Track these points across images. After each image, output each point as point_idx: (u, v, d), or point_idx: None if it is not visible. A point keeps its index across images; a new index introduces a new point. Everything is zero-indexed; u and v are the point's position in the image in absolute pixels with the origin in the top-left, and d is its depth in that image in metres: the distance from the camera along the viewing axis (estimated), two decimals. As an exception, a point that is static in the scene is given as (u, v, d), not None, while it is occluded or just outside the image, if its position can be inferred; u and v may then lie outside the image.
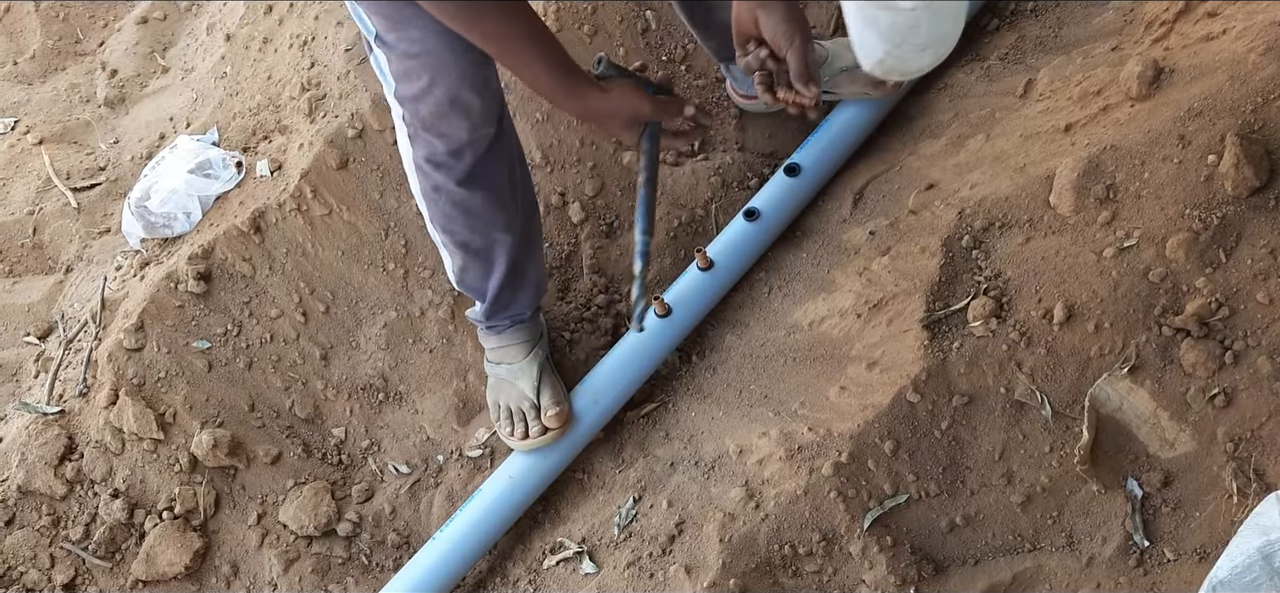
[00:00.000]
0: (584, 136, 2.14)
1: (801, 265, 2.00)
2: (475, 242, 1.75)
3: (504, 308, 1.87)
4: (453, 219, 1.71)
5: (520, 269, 1.83)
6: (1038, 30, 2.16)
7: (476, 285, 1.84)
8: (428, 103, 1.56)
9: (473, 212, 1.70)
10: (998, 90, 2.06)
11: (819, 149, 2.09)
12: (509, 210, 1.74)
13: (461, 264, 1.80)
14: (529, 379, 1.88)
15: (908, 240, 1.81)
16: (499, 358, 1.92)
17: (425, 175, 1.66)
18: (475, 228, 1.72)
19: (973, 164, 1.89)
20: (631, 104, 1.53)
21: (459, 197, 1.67)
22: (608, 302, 2.07)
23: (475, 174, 1.65)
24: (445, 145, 1.60)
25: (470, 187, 1.66)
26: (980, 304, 1.61)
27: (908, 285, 1.72)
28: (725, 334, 1.99)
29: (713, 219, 2.12)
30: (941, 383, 1.59)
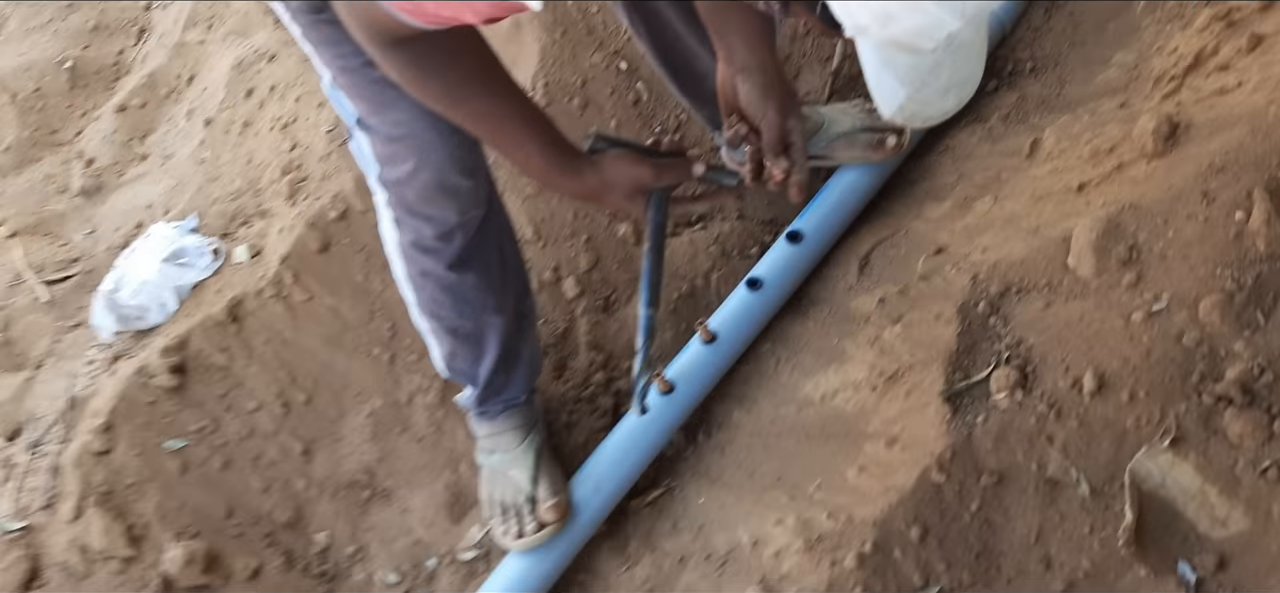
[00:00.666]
0: (577, 210, 2.06)
1: (809, 336, 1.91)
2: (465, 326, 1.66)
3: (497, 392, 1.77)
4: (441, 304, 1.62)
5: (513, 351, 1.74)
6: (1039, 90, 2.11)
7: (467, 371, 1.74)
8: (414, 187, 1.47)
9: (462, 295, 1.61)
10: (1002, 151, 2.00)
11: (821, 215, 2.02)
12: (500, 291, 1.66)
13: (450, 350, 1.71)
14: (525, 468, 1.78)
15: (920, 308, 1.72)
16: (492, 446, 1.82)
17: (412, 261, 1.58)
18: (465, 312, 1.63)
19: (982, 227, 1.81)
20: (630, 173, 1.44)
21: (448, 281, 1.58)
22: (607, 380, 1.98)
23: (465, 257, 1.56)
24: (433, 230, 1.52)
25: (460, 270, 1.57)
26: (1003, 375, 1.52)
27: (924, 355, 1.63)
28: (732, 410, 1.89)
29: (714, 290, 2.04)
30: (968, 461, 1.50)
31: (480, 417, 1.82)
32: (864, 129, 2.03)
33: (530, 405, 1.83)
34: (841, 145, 2.03)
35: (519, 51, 2.20)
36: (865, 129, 2.03)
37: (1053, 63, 2.16)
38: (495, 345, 1.69)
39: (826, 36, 2.24)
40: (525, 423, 1.81)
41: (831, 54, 2.26)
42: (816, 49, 2.27)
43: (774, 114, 1.52)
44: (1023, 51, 2.20)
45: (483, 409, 1.81)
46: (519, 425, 1.81)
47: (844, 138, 2.03)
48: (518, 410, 1.81)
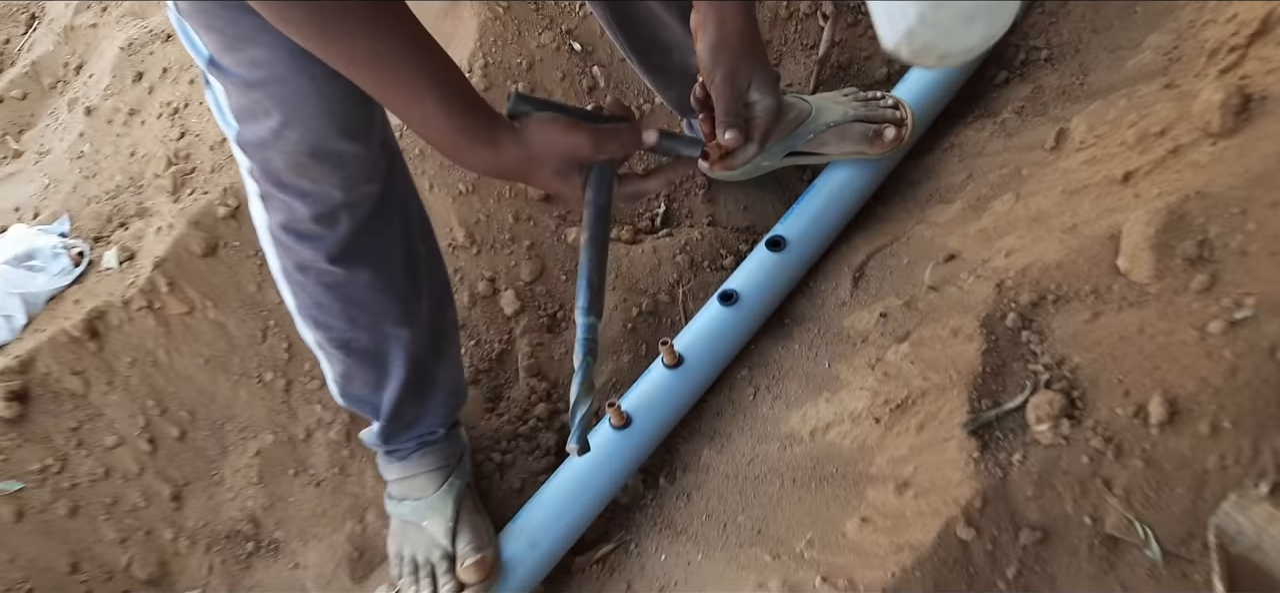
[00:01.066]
0: (519, 210, 1.73)
1: (794, 360, 1.58)
2: (360, 340, 1.31)
3: (407, 426, 1.43)
4: (326, 310, 1.27)
5: (426, 374, 1.39)
6: (1057, 80, 1.82)
7: (366, 398, 1.39)
8: (281, 150, 1.13)
9: (354, 299, 1.26)
10: (1019, 145, 1.70)
11: (806, 219, 1.70)
12: (406, 297, 1.31)
13: (344, 370, 1.36)
14: (441, 519, 1.43)
15: (932, 323, 1.40)
16: (403, 492, 1.47)
17: (285, 249, 1.23)
18: (359, 321, 1.29)
19: (1003, 228, 1.50)
20: (563, 143, 1.09)
21: (333, 278, 1.24)
22: (549, 412, 1.64)
23: (354, 248, 1.22)
24: (309, 209, 1.17)
25: (348, 264, 1.23)
26: (1045, 401, 1.20)
27: (940, 379, 1.30)
28: (701, 449, 1.56)
29: (680, 306, 1.71)
30: (1002, 512, 1.17)
31: (389, 457, 1.48)
32: (858, 119, 1.72)
33: (450, 443, 1.49)
34: (832, 138, 1.73)
35: (455, 29, 1.88)
36: (860, 119, 1.73)
37: (1072, 51, 1.87)
38: (402, 366, 1.35)
39: None
40: (444, 464, 1.47)
41: (817, 41, 1.96)
42: (800, 34, 1.97)
43: (722, 78, 1.22)
44: (1037, 39, 1.92)
45: (391, 448, 1.46)
46: (436, 467, 1.46)
47: (835, 129, 1.72)
48: (434, 449, 1.46)
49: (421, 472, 1.46)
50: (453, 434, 1.50)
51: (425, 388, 1.41)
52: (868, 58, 1.97)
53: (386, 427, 1.42)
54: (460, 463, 1.49)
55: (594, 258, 1.11)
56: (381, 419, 1.41)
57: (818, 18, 1.96)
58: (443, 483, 1.45)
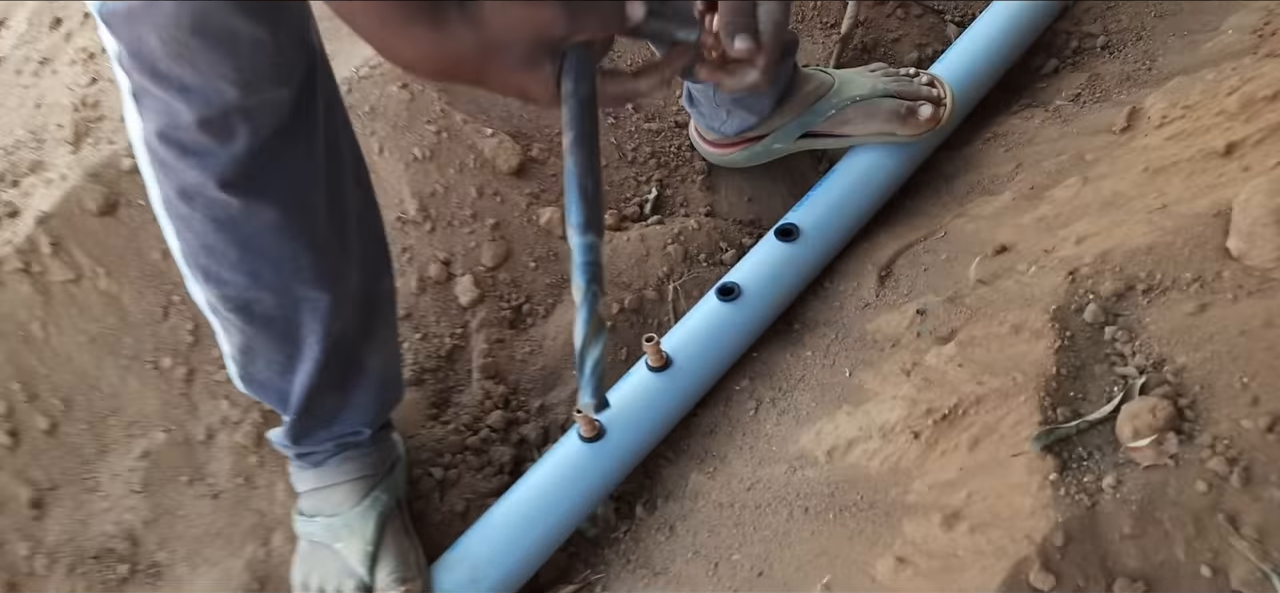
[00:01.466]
0: (485, 184, 1.45)
1: (806, 369, 1.29)
2: (263, 302, 1.02)
3: (324, 422, 1.13)
4: (218, 256, 0.98)
5: (351, 357, 1.10)
6: (1118, 68, 1.56)
7: (272, 383, 1.10)
8: (154, 25, 0.85)
9: (254, 244, 0.98)
10: (1080, 130, 1.44)
11: (824, 207, 1.43)
12: (328, 251, 1.02)
13: (242, 343, 1.07)
14: (359, 541, 1.13)
15: (984, 320, 1.12)
16: (315, 506, 1.17)
17: (166, 169, 0.94)
18: (261, 275, 1.00)
19: (1069, 215, 1.23)
20: (527, 17, 0.78)
21: (227, 211, 0.95)
22: (506, 422, 1.34)
23: (255, 173, 0.93)
24: (193, 109, 0.89)
25: (247, 194, 0.94)
26: (1145, 410, 0.92)
27: (1000, 384, 1.02)
28: (688, 473, 1.26)
29: (670, 305, 1.43)
30: (1091, 554, 0.88)
31: (301, 463, 1.18)
32: (888, 95, 1.46)
33: (378, 449, 1.19)
34: (857, 115, 1.46)
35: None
36: (890, 95, 1.46)
37: (1133, 37, 1.62)
38: (318, 343, 1.05)
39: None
40: (368, 473, 1.17)
41: (839, 19, 1.71)
42: (820, 11, 1.71)
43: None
44: (1092, 26, 1.67)
45: (303, 450, 1.16)
46: (358, 477, 1.17)
47: (861, 105, 1.46)
48: (357, 455, 1.17)
49: (339, 482, 1.16)
50: (382, 439, 1.20)
51: (349, 375, 1.12)
52: (896, 40, 1.71)
53: (298, 422, 1.12)
54: (390, 475, 1.20)
55: (585, 160, 0.81)
56: (291, 412, 1.11)
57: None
58: (364, 497, 1.16)
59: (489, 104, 1.52)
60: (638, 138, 1.57)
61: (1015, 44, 1.61)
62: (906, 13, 1.72)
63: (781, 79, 1.43)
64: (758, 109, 1.44)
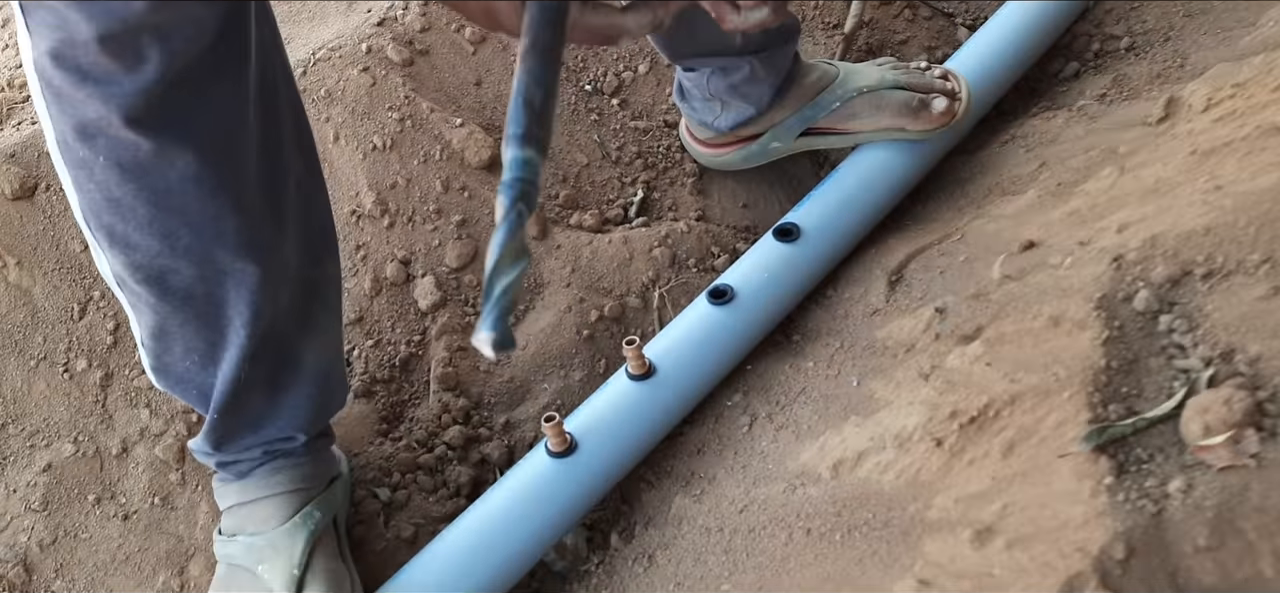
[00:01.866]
0: (451, 177, 1.31)
1: (806, 380, 1.14)
2: (179, 271, 0.87)
3: (249, 423, 0.97)
4: (125, 212, 0.83)
5: (285, 348, 0.95)
6: (1146, 68, 1.43)
7: (190, 376, 0.94)
8: None
9: (167, 197, 0.83)
10: (1110, 125, 1.30)
11: (827, 207, 1.28)
12: (259, 216, 0.88)
13: (156, 324, 0.91)
14: (284, 563, 0.97)
15: (1015, 314, 0.97)
16: (237, 524, 1.01)
17: (61, 100, 0.80)
18: (176, 237, 0.85)
19: (1106, 206, 1.09)
20: None
21: (134, 155, 0.80)
22: (465, 439, 1.18)
23: (171, 108, 0.79)
24: (90, 23, 0.74)
25: (159, 134, 0.79)
26: (1217, 404, 0.76)
27: (1038, 381, 0.87)
28: (671, 496, 1.10)
29: (655, 313, 1.27)
30: (1159, 570, 0.71)
31: (224, 473, 1.02)
32: (898, 87, 1.33)
33: (314, 460, 1.03)
34: (864, 107, 1.32)
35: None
36: (900, 87, 1.33)
37: (1160, 38, 1.49)
38: (245, 328, 0.90)
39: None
40: (300, 487, 1.01)
41: (842, 19, 1.58)
42: (821, 10, 1.59)
43: None
44: (1114, 27, 1.54)
45: (227, 457, 1.00)
46: (289, 490, 1.00)
47: (868, 97, 1.32)
48: (289, 465, 1.01)
49: (266, 496, 1.00)
50: (319, 450, 1.04)
51: (282, 370, 0.96)
52: (904, 42, 1.59)
53: (220, 422, 0.96)
54: (326, 491, 1.03)
55: (536, 70, 0.66)
56: (213, 410, 0.95)
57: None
58: (294, 513, 0.99)
59: (459, 93, 1.39)
60: (623, 137, 1.43)
61: (1033, 44, 1.48)
62: (914, 14, 1.60)
63: (781, 68, 1.30)
64: (756, 99, 1.30)
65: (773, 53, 1.26)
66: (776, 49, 1.26)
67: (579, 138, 1.41)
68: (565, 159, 1.39)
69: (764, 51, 1.25)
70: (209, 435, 0.98)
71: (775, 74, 1.29)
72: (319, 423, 1.03)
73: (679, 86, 1.36)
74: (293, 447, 1.01)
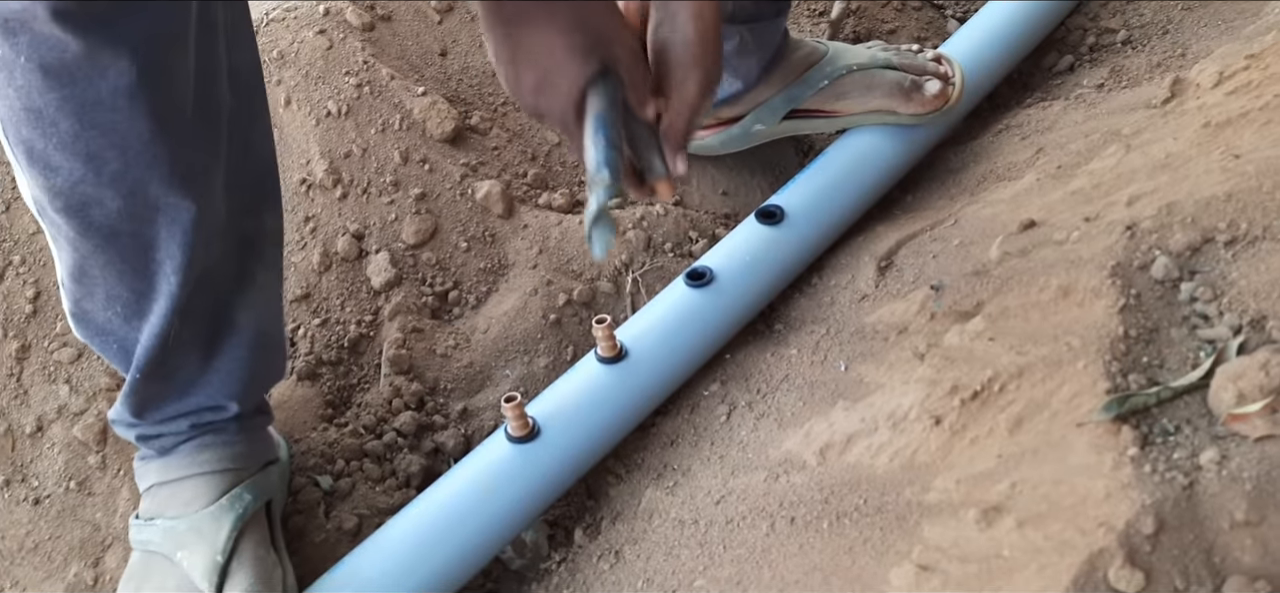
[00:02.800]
0: (411, 148, 1.22)
1: (790, 368, 1.05)
2: (105, 201, 0.78)
3: (177, 388, 0.88)
4: (45, 122, 0.74)
5: (219, 304, 0.86)
6: (1143, 59, 1.37)
7: (111, 325, 0.85)
8: None
9: (96, 112, 0.74)
10: (1111, 108, 1.24)
11: (813, 190, 1.21)
12: (194, 143, 0.79)
13: (76, 263, 0.82)
14: (207, 549, 0.87)
15: (1019, 288, 0.89)
16: (157, 506, 0.90)
17: None
18: (103, 159, 0.76)
19: (1113, 184, 1.01)
20: (597, 17, 0.76)
21: (60, 55, 0.71)
22: (418, 427, 1.08)
23: (106, 4, 0.70)
24: None
25: (91, 33, 0.70)
26: (1254, 369, 0.68)
27: (1048, 352, 0.78)
28: (642, 489, 1.01)
29: (628, 298, 1.19)
30: (1193, 547, 0.63)
31: (147, 447, 0.92)
32: (890, 67, 1.25)
33: (247, 437, 0.93)
34: (853, 87, 1.25)
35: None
36: (892, 67, 1.25)
37: (1159, 31, 1.43)
38: (177, 274, 0.80)
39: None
40: (231, 466, 0.91)
41: (827, 7, 1.51)
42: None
43: (698, 82, 0.81)
44: (1110, 21, 1.48)
45: (149, 429, 0.90)
46: (217, 469, 0.90)
47: (859, 75, 1.25)
48: (219, 442, 0.91)
49: (191, 474, 0.90)
50: (253, 426, 0.94)
51: (215, 329, 0.87)
52: (892, 32, 1.52)
53: (143, 385, 0.86)
54: (260, 474, 0.93)
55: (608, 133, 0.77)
56: (136, 368, 0.85)
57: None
58: (221, 495, 0.89)
59: (422, 62, 1.30)
60: (596, 118, 1.35)
61: (1026, 34, 1.42)
62: (903, 4, 1.54)
63: (770, 43, 1.22)
64: (744, 73, 1.23)
65: (764, 25, 1.19)
66: (768, 21, 1.19)
67: (550, 116, 1.33)
68: (535, 136, 1.31)
69: (756, 22, 1.18)
70: (129, 399, 0.88)
71: (765, 48, 1.22)
72: (253, 394, 0.93)
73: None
74: (223, 420, 0.91)
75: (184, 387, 0.88)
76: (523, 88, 0.79)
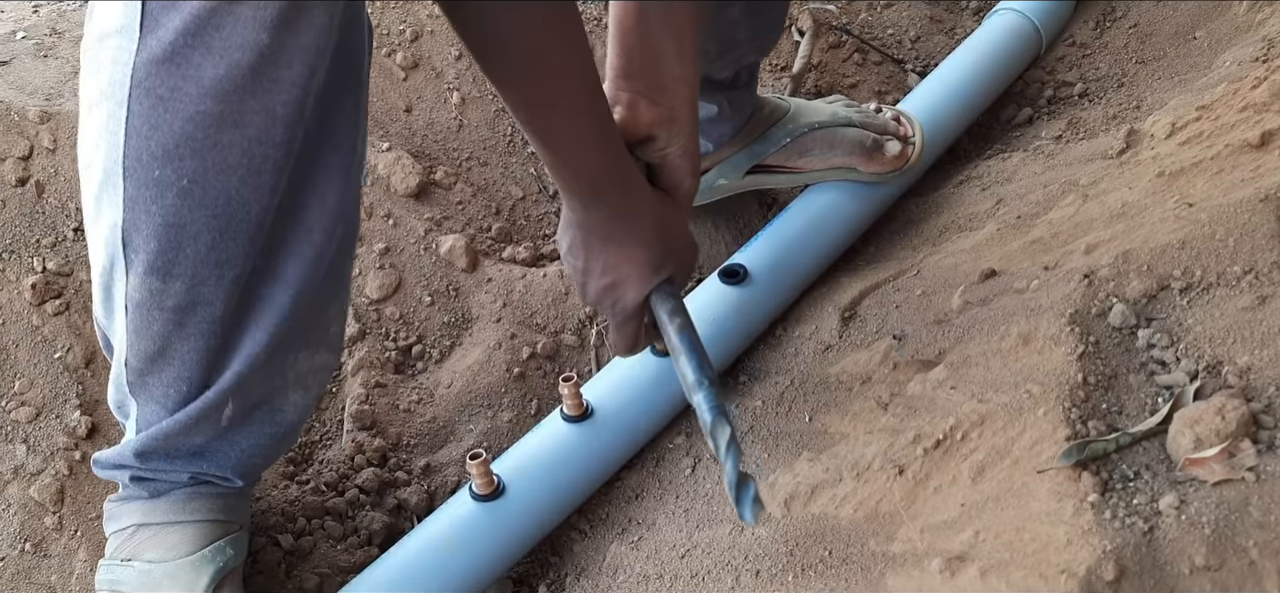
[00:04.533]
0: (375, 204, 1.22)
1: (755, 420, 1.05)
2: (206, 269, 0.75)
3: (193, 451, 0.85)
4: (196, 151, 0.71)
5: (282, 361, 0.84)
6: (1100, 111, 1.40)
7: (169, 385, 0.81)
8: None
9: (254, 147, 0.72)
10: (1069, 159, 1.26)
11: (775, 247, 1.21)
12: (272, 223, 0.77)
13: (163, 329, 0.78)
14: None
15: (980, 336, 0.90)
16: (134, 548, 0.88)
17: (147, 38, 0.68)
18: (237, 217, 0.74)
19: (1070, 233, 1.03)
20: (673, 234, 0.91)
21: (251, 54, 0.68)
22: (380, 484, 1.07)
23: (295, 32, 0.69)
24: None
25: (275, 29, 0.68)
26: (1210, 415, 0.69)
27: (1010, 399, 0.79)
28: (606, 544, 1.00)
29: (592, 352, 1.18)
30: (1152, 589, 0.63)
31: (136, 487, 0.88)
32: (852, 125, 1.27)
33: (240, 497, 0.92)
34: (816, 144, 1.26)
35: None
36: (853, 125, 1.27)
37: (1114, 83, 1.47)
38: (258, 339, 0.79)
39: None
40: (221, 518, 0.89)
41: (790, 61, 1.54)
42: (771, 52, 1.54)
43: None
44: (1067, 74, 1.52)
45: (148, 471, 0.87)
46: (206, 519, 0.88)
47: (821, 133, 1.26)
48: (213, 494, 0.89)
49: (177, 520, 0.87)
50: (245, 498, 0.93)
51: (259, 411, 0.85)
52: (853, 86, 1.54)
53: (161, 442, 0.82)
54: (241, 533, 0.92)
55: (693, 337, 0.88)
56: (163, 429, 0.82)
57: (792, 34, 1.54)
58: (206, 545, 0.87)
59: (387, 118, 1.31)
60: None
61: (985, 88, 1.44)
62: (864, 58, 1.56)
63: (746, 109, 1.24)
64: (716, 137, 1.24)
65: (741, 93, 1.21)
66: (744, 88, 1.21)
67: (514, 170, 1.33)
68: (499, 191, 1.31)
69: (734, 90, 1.19)
70: (142, 449, 0.84)
71: (740, 114, 1.23)
72: (260, 470, 0.91)
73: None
74: (226, 487, 0.89)
75: (200, 450, 0.85)
76: (590, 289, 0.90)
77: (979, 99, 1.44)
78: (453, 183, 1.28)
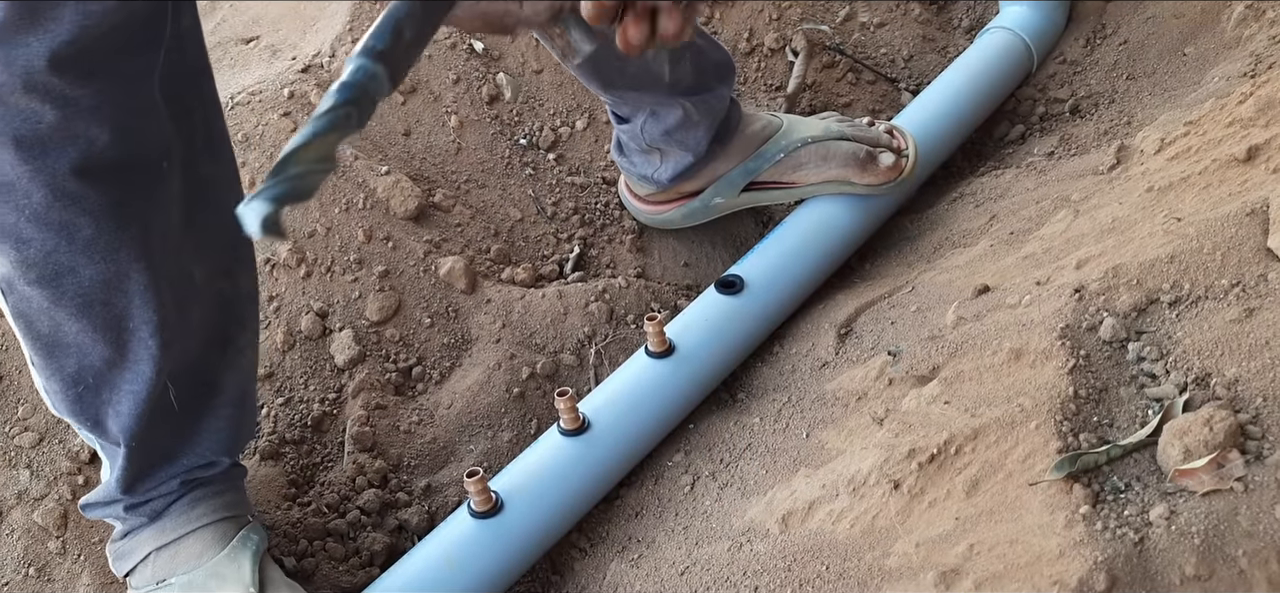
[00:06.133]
0: (375, 227, 1.23)
1: (752, 437, 1.06)
2: (78, 269, 0.78)
3: (166, 454, 0.87)
4: (17, 194, 0.75)
5: (203, 369, 0.87)
6: (1092, 128, 1.41)
7: (84, 397, 0.84)
8: None
9: (65, 184, 0.75)
10: (1061, 176, 1.27)
11: (772, 260, 1.23)
12: (168, 204, 0.80)
13: (49, 331, 0.82)
14: (237, 587, 0.87)
15: (973, 353, 0.91)
16: (163, 570, 0.90)
17: None
18: (72, 219, 0.76)
19: (1062, 248, 1.04)
20: None
21: (34, 126, 0.72)
22: (382, 504, 1.08)
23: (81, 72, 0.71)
24: None
25: (61, 105, 0.71)
26: (1197, 426, 0.70)
27: (1002, 413, 0.80)
28: (606, 562, 1.01)
29: (591, 370, 1.19)
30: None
31: (135, 516, 0.90)
32: (845, 138, 1.29)
33: (235, 488, 0.94)
34: (810, 158, 1.28)
35: (320, 11, 1.45)
36: (847, 138, 1.29)
37: (1106, 100, 1.48)
38: (154, 338, 0.81)
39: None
40: (232, 512, 0.92)
41: (784, 81, 1.55)
42: (764, 73, 1.56)
43: None
44: (1058, 91, 1.53)
45: (141, 497, 0.89)
46: (219, 517, 0.90)
47: (815, 147, 1.28)
48: (210, 494, 0.91)
49: (191, 529, 0.89)
50: (235, 477, 0.94)
51: (200, 392, 0.87)
52: (847, 105, 1.56)
53: (132, 457, 0.85)
54: (253, 524, 0.93)
55: (415, 9, 0.60)
56: (125, 439, 0.84)
57: (786, 54, 1.56)
58: (232, 537, 0.89)
59: (385, 142, 1.32)
60: (559, 192, 1.37)
61: (978, 105, 1.46)
62: (858, 77, 1.58)
63: (716, 111, 1.25)
64: (693, 145, 1.25)
65: (706, 95, 1.21)
66: (710, 91, 1.21)
67: (513, 192, 1.35)
68: (497, 213, 1.32)
69: (697, 94, 1.20)
70: (122, 477, 0.86)
71: (710, 117, 1.24)
72: (237, 449, 0.93)
73: (617, 142, 1.30)
74: (213, 474, 0.90)
75: (173, 451, 0.88)
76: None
77: (972, 116, 1.45)
78: (451, 205, 1.30)
